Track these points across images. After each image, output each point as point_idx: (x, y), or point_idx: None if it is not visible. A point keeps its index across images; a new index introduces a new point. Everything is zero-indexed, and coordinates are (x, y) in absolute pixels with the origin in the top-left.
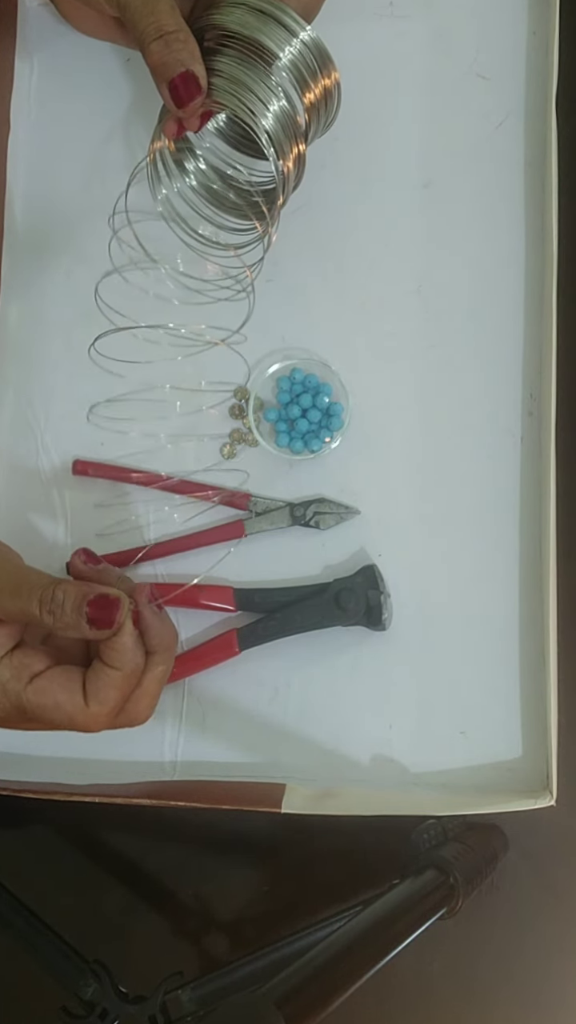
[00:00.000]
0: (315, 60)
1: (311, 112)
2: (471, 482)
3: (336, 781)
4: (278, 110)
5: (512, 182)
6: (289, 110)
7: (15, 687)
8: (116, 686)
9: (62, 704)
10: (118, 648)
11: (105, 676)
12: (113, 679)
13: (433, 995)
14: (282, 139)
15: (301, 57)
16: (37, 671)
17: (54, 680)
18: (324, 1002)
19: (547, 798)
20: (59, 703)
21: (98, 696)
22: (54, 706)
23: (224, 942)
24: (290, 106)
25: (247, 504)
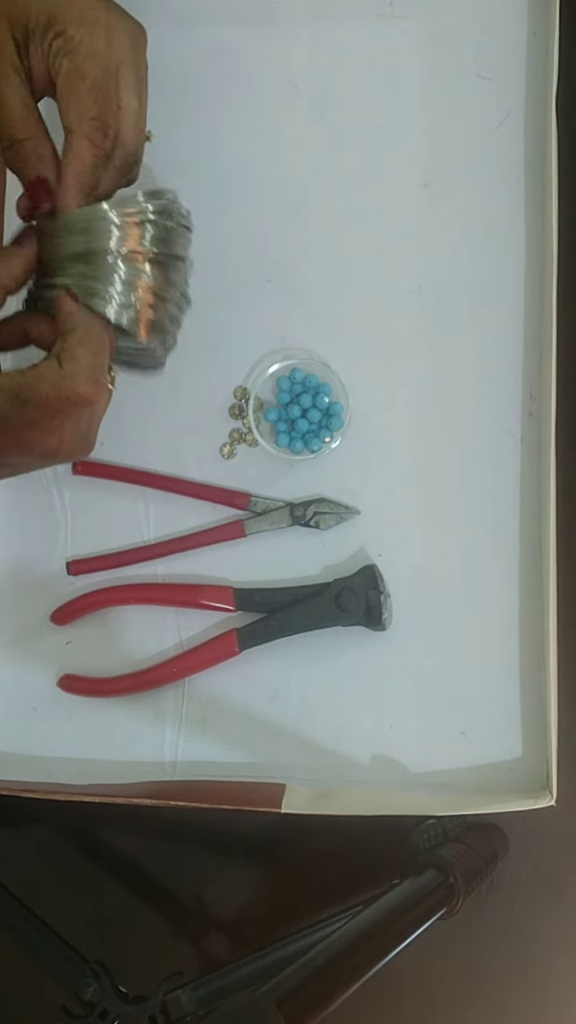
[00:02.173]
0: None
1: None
2: (471, 482)
3: (336, 781)
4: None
5: (512, 182)
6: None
7: (6, 380)
8: (80, 342)
9: (42, 373)
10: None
11: (70, 338)
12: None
13: (433, 995)
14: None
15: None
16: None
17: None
18: (324, 1002)
19: (547, 798)
20: (39, 373)
21: (70, 356)
22: (35, 377)
23: (224, 942)
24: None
25: (247, 504)
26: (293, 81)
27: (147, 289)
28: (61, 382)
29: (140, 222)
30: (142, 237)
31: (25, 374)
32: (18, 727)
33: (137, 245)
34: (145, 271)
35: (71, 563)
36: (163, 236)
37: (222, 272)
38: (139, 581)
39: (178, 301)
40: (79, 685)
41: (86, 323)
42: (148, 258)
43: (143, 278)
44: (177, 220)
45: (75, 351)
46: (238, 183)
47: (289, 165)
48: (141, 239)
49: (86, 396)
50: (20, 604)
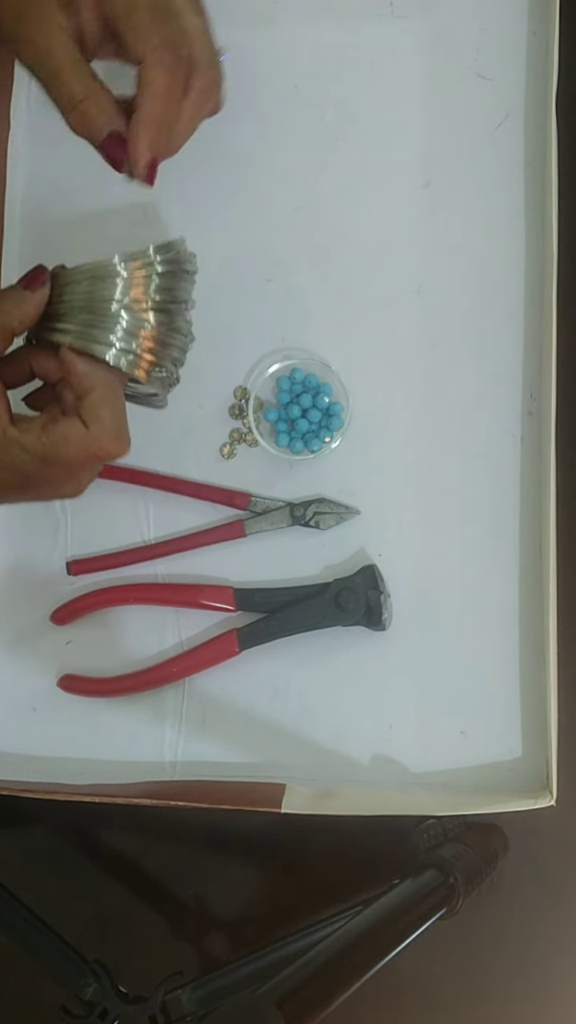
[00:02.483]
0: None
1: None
2: (471, 482)
3: (336, 781)
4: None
5: (512, 182)
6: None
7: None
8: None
9: (67, 434)
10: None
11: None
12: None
13: (433, 995)
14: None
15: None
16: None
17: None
18: (324, 1002)
19: (547, 798)
20: (64, 435)
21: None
22: (61, 439)
23: (224, 942)
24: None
25: (247, 504)
26: (293, 81)
27: (149, 337)
28: (89, 443)
29: (147, 274)
30: (147, 287)
31: (50, 434)
32: (18, 727)
33: (141, 295)
34: (149, 320)
35: (71, 563)
36: (168, 285)
37: (222, 272)
38: (139, 581)
39: (181, 344)
40: (79, 685)
41: (105, 382)
42: (151, 307)
43: (146, 327)
44: (183, 267)
45: (99, 412)
46: (238, 183)
47: (289, 165)
48: (146, 289)
49: (112, 454)
50: (20, 604)
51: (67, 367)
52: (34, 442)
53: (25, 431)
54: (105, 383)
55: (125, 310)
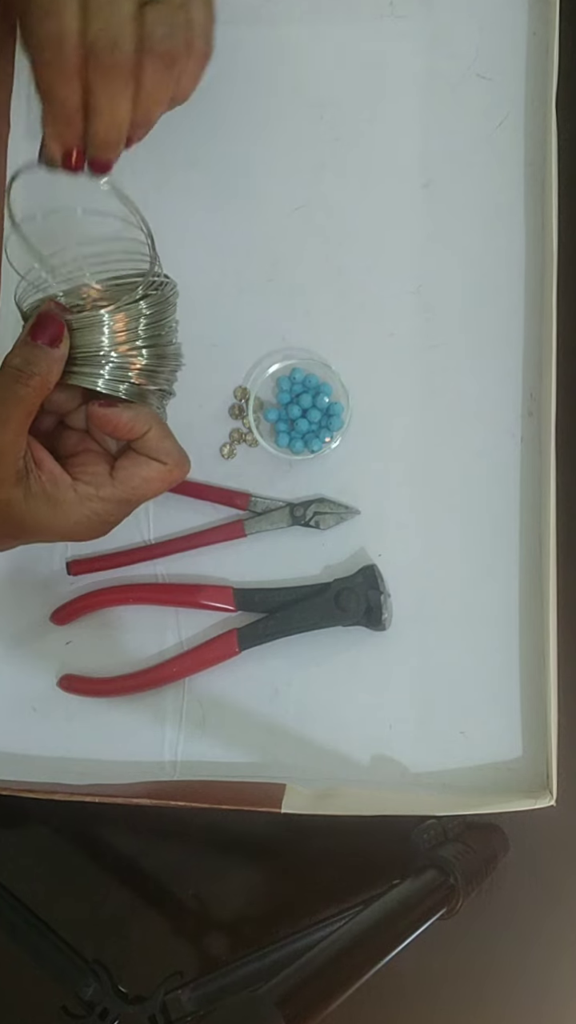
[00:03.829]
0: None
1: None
2: (471, 482)
3: (336, 781)
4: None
5: (512, 182)
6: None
7: (106, 491)
8: (164, 436)
9: (148, 476)
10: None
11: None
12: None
13: (433, 995)
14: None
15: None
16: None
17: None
18: (324, 1002)
19: (547, 798)
20: (145, 477)
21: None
22: (143, 482)
23: (224, 942)
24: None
25: (247, 504)
26: (293, 81)
27: (139, 371)
28: (169, 477)
29: (134, 318)
30: (136, 330)
31: (127, 481)
32: (18, 727)
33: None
34: (140, 355)
35: (71, 563)
36: (155, 321)
37: (222, 272)
38: (139, 581)
39: (172, 369)
40: (79, 685)
41: (153, 418)
42: (140, 346)
43: (137, 360)
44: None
45: (165, 445)
46: (238, 183)
47: (289, 165)
48: (136, 333)
49: (184, 476)
50: (20, 604)
51: (114, 421)
52: (112, 492)
53: (99, 486)
54: (151, 416)
55: (115, 352)
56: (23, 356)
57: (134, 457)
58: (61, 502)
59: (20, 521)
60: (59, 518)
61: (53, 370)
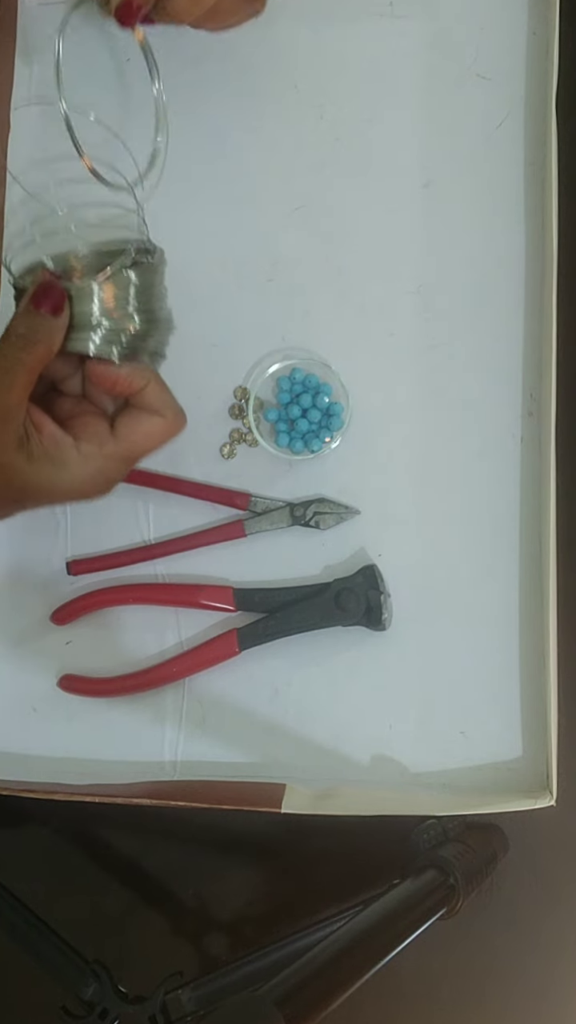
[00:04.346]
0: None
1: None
2: (471, 482)
3: (336, 781)
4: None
5: (512, 182)
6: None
7: (109, 449)
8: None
9: (149, 431)
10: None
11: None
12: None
13: (433, 995)
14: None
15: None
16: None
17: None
18: (324, 1002)
19: (547, 798)
20: (146, 432)
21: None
22: (144, 437)
23: (224, 942)
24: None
25: (247, 504)
26: (293, 81)
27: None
28: (169, 430)
29: (124, 285)
30: (126, 298)
31: (127, 437)
32: (18, 727)
33: (118, 306)
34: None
35: (71, 563)
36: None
37: (222, 272)
38: (139, 581)
39: (164, 332)
40: (79, 685)
41: (151, 372)
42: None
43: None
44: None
45: (165, 399)
46: (238, 183)
47: (289, 165)
48: (126, 300)
49: (181, 430)
50: (20, 604)
51: (113, 376)
52: (115, 449)
53: (101, 443)
54: (149, 371)
55: (106, 319)
56: (27, 324)
57: (134, 413)
58: (65, 462)
59: (23, 485)
60: (63, 478)
61: (55, 338)
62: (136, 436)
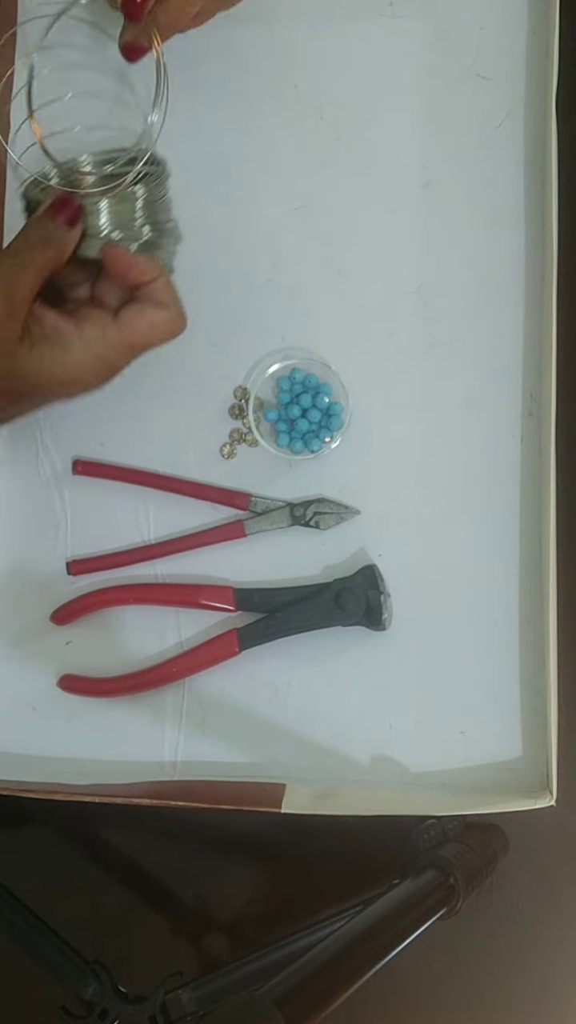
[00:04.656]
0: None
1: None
2: (471, 482)
3: (336, 781)
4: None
5: (512, 182)
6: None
7: (111, 334)
8: (170, 283)
9: (153, 320)
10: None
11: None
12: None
13: (433, 995)
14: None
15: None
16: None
17: (132, 311)
18: (324, 1002)
19: (547, 798)
20: (150, 322)
21: (170, 299)
22: (148, 326)
23: (224, 942)
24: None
25: (247, 504)
26: (293, 81)
27: (140, 246)
28: (173, 323)
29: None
30: (133, 210)
31: (132, 325)
32: (18, 727)
33: (126, 219)
34: (140, 233)
35: (71, 563)
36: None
37: (222, 272)
38: (139, 581)
39: (172, 243)
40: (79, 685)
41: (162, 267)
42: (138, 224)
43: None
44: (161, 182)
45: (172, 294)
46: (238, 182)
47: (289, 165)
48: (133, 212)
49: (182, 330)
50: (20, 604)
51: (129, 261)
52: (118, 336)
53: (104, 327)
54: (161, 265)
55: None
56: (43, 229)
57: (139, 304)
58: (67, 344)
59: (23, 375)
60: (64, 362)
61: (67, 246)
62: (140, 325)
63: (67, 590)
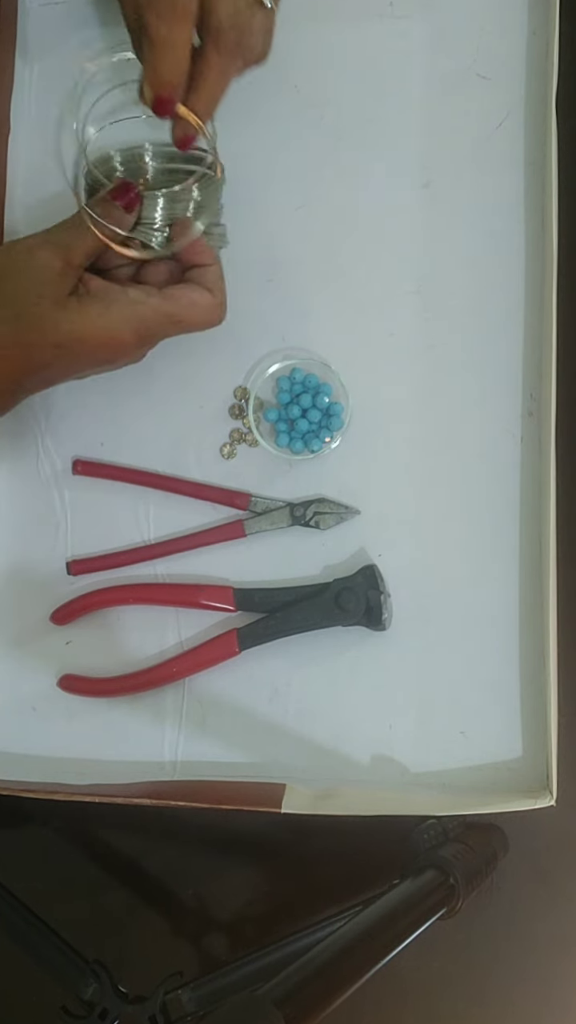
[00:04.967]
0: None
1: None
2: (471, 482)
3: (336, 781)
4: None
5: (512, 182)
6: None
7: (155, 300)
8: (221, 275)
9: (196, 300)
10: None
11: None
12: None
13: (433, 995)
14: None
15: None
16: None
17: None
18: (324, 1002)
19: (547, 798)
20: (193, 300)
21: (217, 287)
22: (190, 303)
23: (224, 942)
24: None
25: (247, 504)
26: (293, 81)
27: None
28: (213, 310)
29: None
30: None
31: (178, 299)
32: (18, 727)
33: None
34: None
35: (71, 563)
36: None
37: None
38: (139, 581)
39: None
40: (79, 685)
41: (219, 259)
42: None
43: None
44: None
45: (220, 283)
46: (238, 183)
47: (289, 165)
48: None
49: (220, 321)
50: (20, 604)
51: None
52: (161, 303)
53: (148, 293)
54: (217, 258)
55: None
56: (102, 207)
57: (186, 284)
58: (112, 301)
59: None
60: (108, 316)
61: (122, 228)
62: (183, 299)
63: (67, 590)
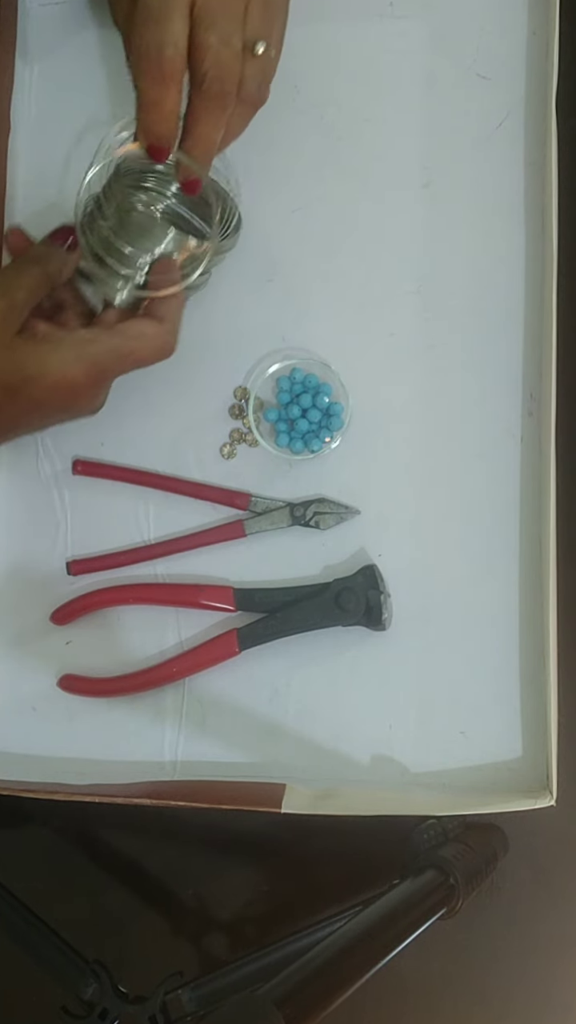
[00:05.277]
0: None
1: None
2: (471, 482)
3: (336, 781)
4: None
5: (512, 182)
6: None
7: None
8: (178, 306)
9: (144, 331)
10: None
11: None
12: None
13: (433, 995)
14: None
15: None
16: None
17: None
18: (324, 1002)
19: (547, 798)
20: (141, 331)
21: (169, 316)
22: (138, 335)
23: (224, 942)
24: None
25: (247, 504)
26: (293, 81)
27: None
28: (163, 341)
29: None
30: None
31: (124, 333)
32: (18, 727)
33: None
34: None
35: (71, 563)
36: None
37: (222, 272)
38: (139, 581)
39: (206, 280)
40: (79, 685)
41: (182, 293)
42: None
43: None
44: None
45: (174, 313)
46: (237, 183)
47: (289, 165)
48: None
49: (171, 351)
50: (20, 604)
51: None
52: (110, 339)
53: (97, 332)
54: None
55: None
56: (45, 249)
57: (137, 317)
58: (60, 339)
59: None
60: (57, 359)
61: (67, 267)
62: (130, 331)
63: (67, 590)
